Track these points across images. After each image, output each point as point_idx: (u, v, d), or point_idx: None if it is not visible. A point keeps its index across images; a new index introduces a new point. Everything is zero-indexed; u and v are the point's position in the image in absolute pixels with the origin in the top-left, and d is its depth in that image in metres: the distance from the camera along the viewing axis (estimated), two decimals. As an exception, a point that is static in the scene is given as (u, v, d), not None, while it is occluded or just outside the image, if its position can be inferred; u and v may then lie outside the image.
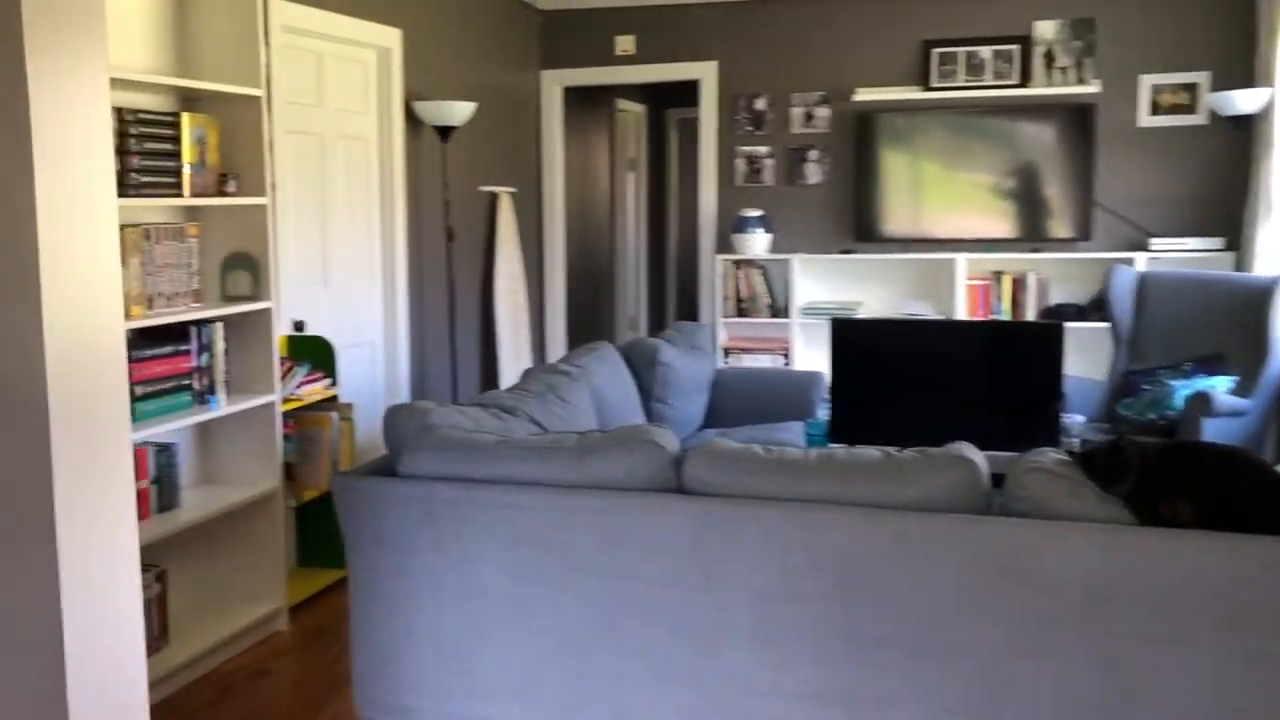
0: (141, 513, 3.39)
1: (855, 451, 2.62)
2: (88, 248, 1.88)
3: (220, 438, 3.87)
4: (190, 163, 3.47)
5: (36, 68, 1.75)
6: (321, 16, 4.48)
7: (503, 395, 3.35)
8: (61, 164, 1.81)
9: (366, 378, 5.03)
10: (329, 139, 4.69)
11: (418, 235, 5.33)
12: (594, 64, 6.66)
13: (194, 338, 3.53)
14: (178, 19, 3.65)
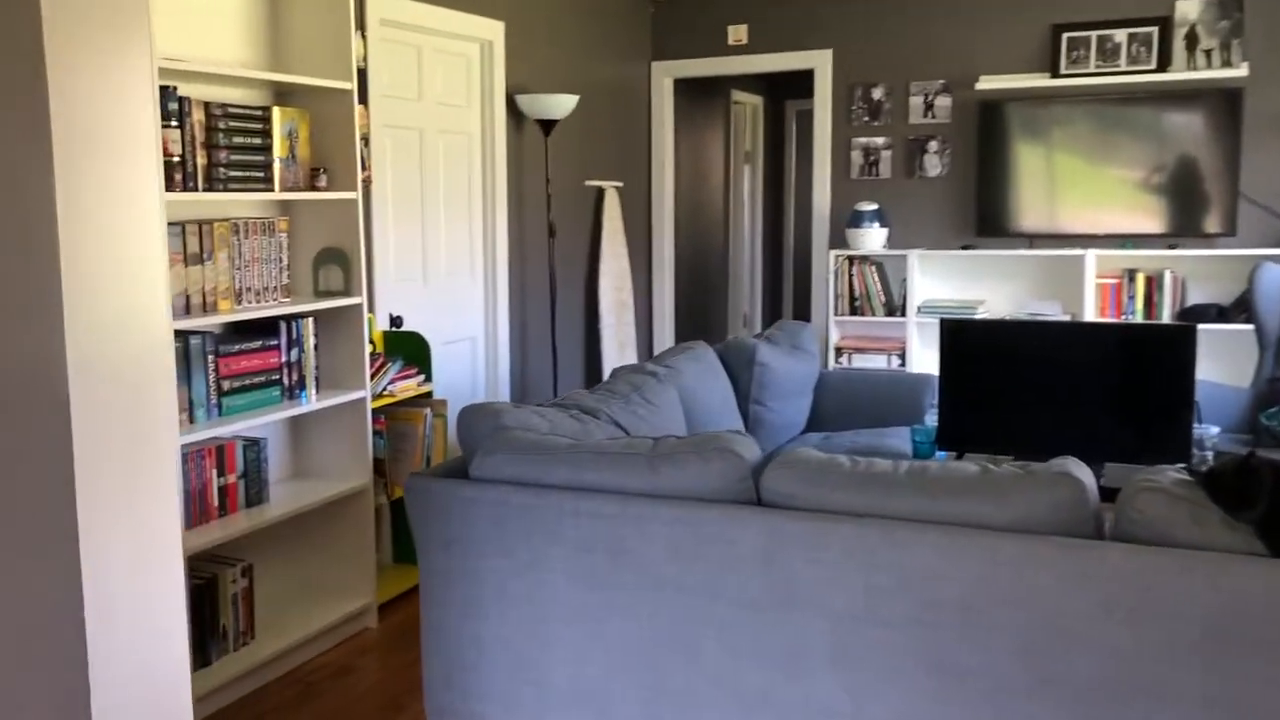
0: (229, 507, 3.40)
1: (949, 465, 2.42)
2: (124, 245, 1.82)
3: (311, 433, 3.87)
4: (281, 157, 3.46)
5: (57, 49, 1.69)
6: (422, 10, 4.45)
7: (584, 396, 3.24)
8: (90, 155, 1.75)
9: (466, 374, 5.00)
10: (429, 133, 4.66)
11: (519, 230, 5.27)
12: (706, 54, 6.50)
13: (284, 332, 3.52)
14: (270, 13, 3.65)
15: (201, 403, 3.24)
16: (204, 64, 3.11)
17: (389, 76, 4.38)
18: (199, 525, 3.29)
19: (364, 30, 4.13)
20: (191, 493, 3.26)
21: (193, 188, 3.14)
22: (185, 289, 3.17)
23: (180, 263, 3.15)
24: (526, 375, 5.41)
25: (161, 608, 1.89)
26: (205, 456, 3.30)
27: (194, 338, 3.21)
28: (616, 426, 3.14)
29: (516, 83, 5.16)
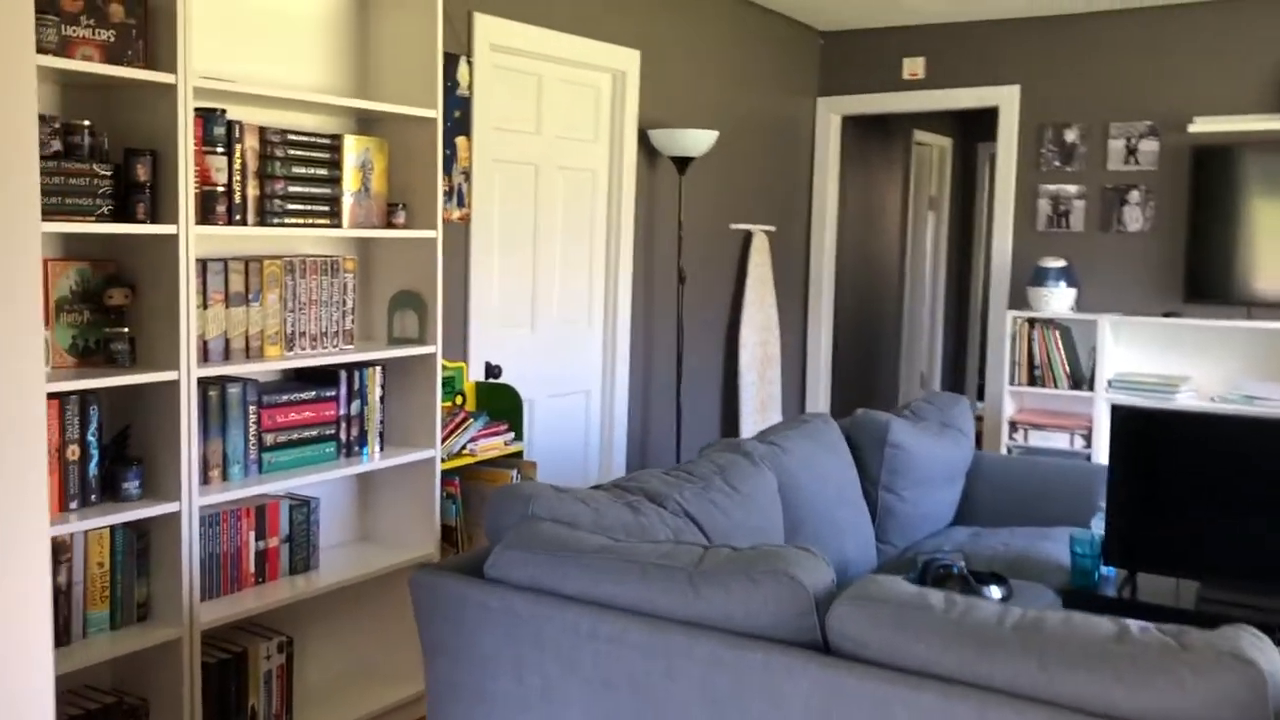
0: (268, 574, 3.08)
1: (1074, 622, 1.80)
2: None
3: (379, 495, 3.52)
4: (352, 190, 3.15)
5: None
6: (545, 36, 4.10)
7: (653, 477, 2.75)
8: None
9: (576, 432, 4.59)
10: (546, 169, 4.30)
11: (647, 276, 4.84)
12: (878, 90, 5.92)
13: (343, 382, 3.19)
14: (358, 37, 3.36)
15: (237, 458, 2.94)
16: (257, 85, 2.82)
17: (501, 106, 4.05)
18: (228, 593, 2.97)
19: (470, 56, 3.81)
20: (222, 556, 2.95)
21: (240, 221, 2.85)
22: (225, 332, 2.88)
23: (221, 303, 2.86)
24: (648, 436, 4.95)
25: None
26: (241, 517, 2.99)
27: (232, 386, 2.91)
28: (688, 520, 2.63)
29: (650, 116, 4.75)
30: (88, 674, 2.81)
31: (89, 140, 2.58)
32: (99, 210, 2.56)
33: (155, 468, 2.74)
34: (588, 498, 2.46)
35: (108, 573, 2.67)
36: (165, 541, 2.74)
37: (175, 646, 2.73)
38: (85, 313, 2.69)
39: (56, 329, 2.64)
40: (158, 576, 2.77)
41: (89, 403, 2.59)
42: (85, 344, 2.69)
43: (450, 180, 3.78)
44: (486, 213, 3.98)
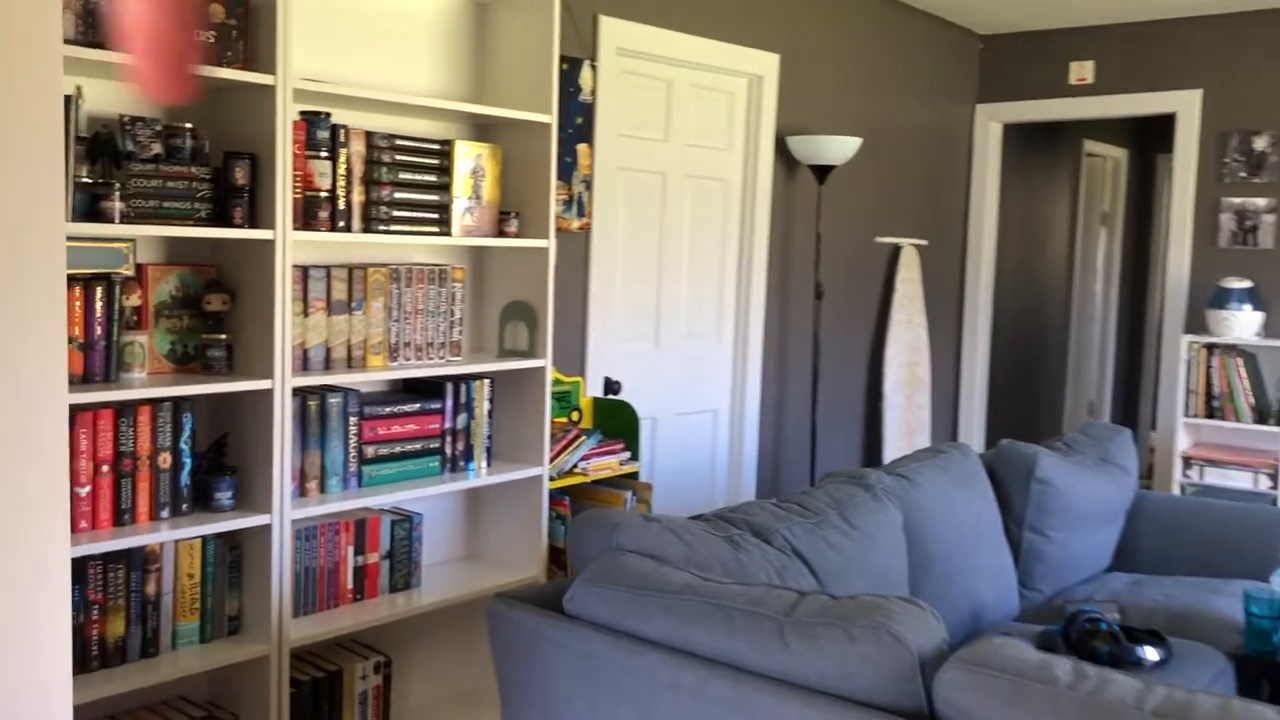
0: (367, 590, 2.99)
1: (1235, 712, 1.49)
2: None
3: (486, 512, 3.41)
4: (462, 197, 3.04)
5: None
6: (676, 40, 3.93)
7: (762, 508, 2.53)
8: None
9: (702, 453, 4.38)
10: (674, 178, 4.12)
11: (781, 290, 4.60)
12: (1042, 96, 5.53)
13: (450, 395, 3.08)
14: (476, 41, 3.26)
15: (336, 470, 2.86)
16: (362, 88, 2.74)
17: (626, 113, 3.89)
18: (325, 609, 2.89)
19: (594, 60, 3.67)
20: (319, 571, 2.87)
21: (344, 227, 2.78)
22: (326, 340, 2.81)
23: (322, 310, 2.79)
24: (780, 458, 4.70)
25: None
26: (339, 531, 2.91)
27: (332, 396, 2.83)
28: (795, 558, 2.40)
29: (788, 123, 4.51)
30: (182, 685, 2.76)
31: (190, 143, 2.54)
32: (197, 214, 2.52)
33: (249, 478, 2.68)
34: (681, 529, 2.25)
35: (198, 584, 2.62)
36: (258, 554, 2.68)
37: (264, 663, 2.66)
38: (184, 318, 2.65)
39: (155, 334, 2.61)
40: (250, 590, 2.70)
41: (182, 410, 2.54)
42: (184, 350, 2.65)
43: (569, 189, 3.65)
44: (609, 222, 3.83)
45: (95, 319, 2.41)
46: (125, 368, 2.50)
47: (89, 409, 2.40)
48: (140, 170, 2.43)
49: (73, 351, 2.38)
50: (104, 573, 2.45)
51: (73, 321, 2.37)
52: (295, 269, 2.71)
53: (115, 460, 2.45)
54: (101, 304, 2.41)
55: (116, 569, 2.47)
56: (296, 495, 2.78)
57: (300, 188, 2.67)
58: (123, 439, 2.46)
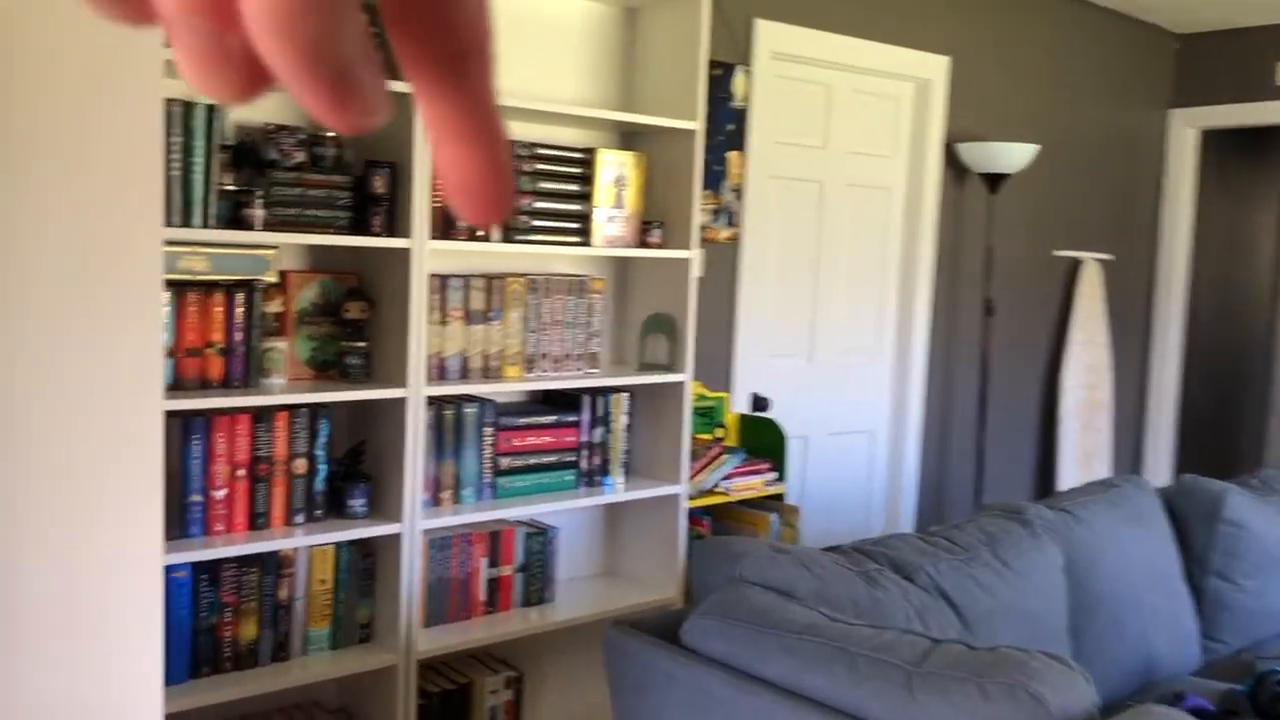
0: (500, 603, 2.95)
1: None
2: (107, 294, 1.38)
3: (624, 528, 3.32)
4: (606, 206, 2.98)
5: None
6: (838, 43, 3.77)
7: (906, 541, 2.35)
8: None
9: (857, 476, 4.19)
10: (832, 186, 3.95)
11: (948, 306, 4.36)
12: (1244, 99, 5.08)
13: (587, 408, 3.02)
14: (624, 46, 3.19)
15: (471, 481, 2.83)
16: (519, 98, 2.71)
17: (782, 119, 3.75)
18: (456, 620, 2.87)
19: (748, 65, 3.55)
20: (452, 582, 2.85)
21: (482, 237, 2.75)
22: (463, 350, 2.78)
23: (460, 320, 2.76)
24: (943, 485, 4.45)
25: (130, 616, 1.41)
26: (473, 542, 2.88)
27: (468, 406, 2.80)
28: (939, 598, 2.21)
29: (958, 129, 4.27)
30: (314, 690, 2.78)
31: (333, 152, 2.56)
32: (337, 222, 2.53)
33: (383, 486, 2.68)
34: (812, 562, 2.11)
35: (330, 590, 2.63)
36: (390, 563, 2.67)
37: (394, 672, 2.65)
38: (325, 325, 2.67)
39: (296, 341, 2.63)
40: (382, 598, 2.70)
41: (318, 416, 2.56)
42: (324, 357, 2.67)
43: (719, 198, 3.53)
44: (760, 233, 3.70)
45: (235, 325, 2.44)
46: (265, 373, 2.53)
47: (227, 413, 2.43)
48: (282, 178, 2.45)
49: (212, 356, 2.42)
50: (238, 576, 2.48)
51: (213, 327, 2.41)
52: (433, 278, 2.70)
53: (251, 465, 2.48)
54: (242, 310, 2.45)
55: (250, 572, 2.50)
56: (430, 505, 2.76)
57: (440, 196, 2.65)
58: (259, 444, 2.48)
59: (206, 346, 2.41)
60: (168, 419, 2.35)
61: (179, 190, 2.30)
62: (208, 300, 2.41)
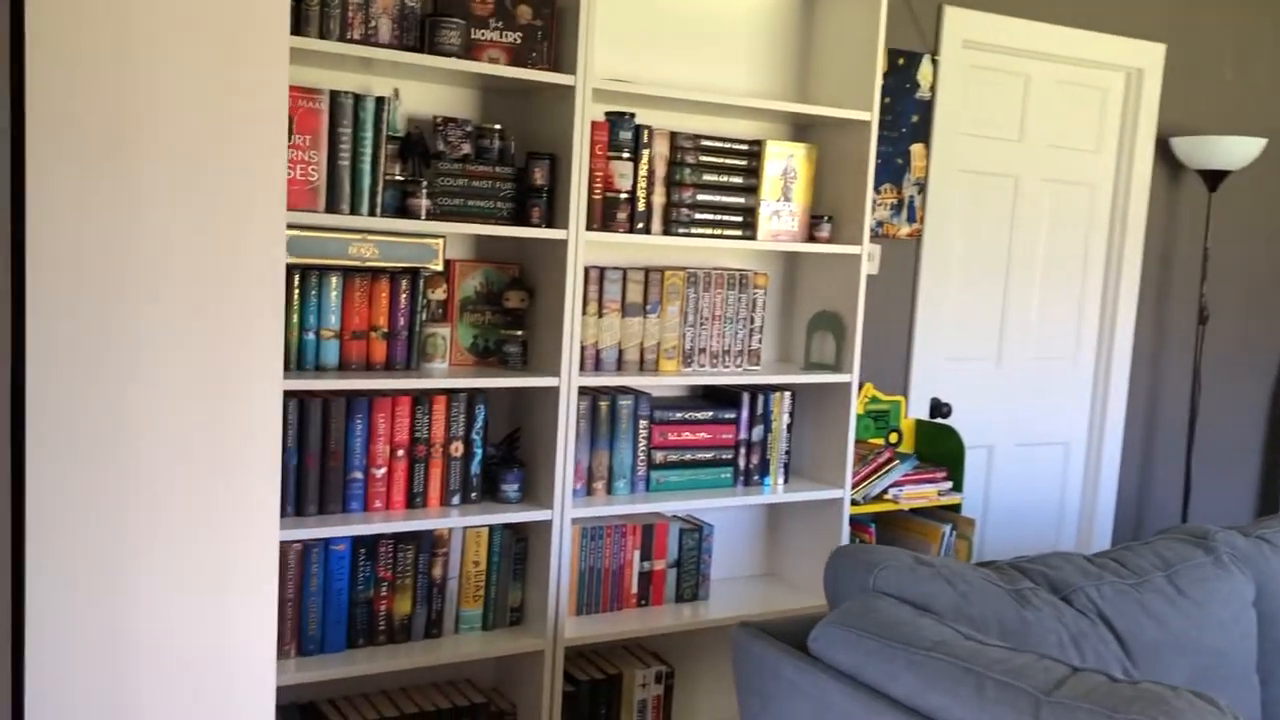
0: (652, 598, 2.94)
1: None
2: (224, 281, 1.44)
3: (781, 529, 3.25)
4: (771, 200, 2.91)
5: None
6: (1036, 30, 3.55)
7: (1069, 561, 2.18)
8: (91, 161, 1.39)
9: (1051, 489, 3.94)
10: (1028, 181, 3.73)
11: (1157, 312, 4.04)
12: None
13: (745, 405, 2.96)
14: (800, 36, 3.11)
15: (624, 473, 2.83)
16: (665, 88, 2.69)
17: (973, 110, 3.57)
18: (608, 610, 2.88)
19: (936, 54, 3.39)
20: (604, 572, 2.86)
21: (642, 229, 2.74)
22: (619, 342, 2.78)
23: (616, 312, 2.77)
24: (1145, 505, 4.13)
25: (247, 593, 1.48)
26: (626, 534, 2.88)
27: (623, 399, 2.80)
28: (1099, 623, 2.04)
29: (1172, 122, 3.95)
30: (468, 668, 2.85)
31: (498, 144, 2.61)
32: (499, 213, 2.58)
33: (536, 473, 2.72)
34: (957, 576, 1.99)
35: (483, 572, 2.69)
36: (541, 548, 2.71)
37: (541, 657, 2.68)
38: (487, 313, 2.73)
39: (459, 327, 2.70)
40: (533, 583, 2.74)
41: (475, 402, 2.62)
42: (485, 344, 2.73)
43: (900, 192, 3.40)
44: (944, 229, 3.53)
45: (399, 310, 2.53)
46: (427, 358, 2.61)
47: (387, 395, 2.52)
48: (447, 169, 2.52)
49: (375, 340, 2.51)
50: (394, 552, 2.57)
51: (378, 312, 2.51)
52: (591, 270, 2.71)
53: (410, 445, 2.56)
54: (405, 296, 2.53)
55: (406, 550, 2.58)
56: (583, 494, 2.78)
57: (600, 188, 2.66)
58: (419, 426, 2.56)
59: (371, 330, 2.51)
60: (331, 398, 2.46)
61: (348, 179, 2.40)
62: (374, 286, 2.50)
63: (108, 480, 1.43)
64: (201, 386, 1.45)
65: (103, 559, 1.44)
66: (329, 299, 2.45)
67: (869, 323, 3.38)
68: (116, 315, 1.38)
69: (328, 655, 2.51)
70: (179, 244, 1.44)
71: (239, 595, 1.50)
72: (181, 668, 1.48)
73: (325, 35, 2.33)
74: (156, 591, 1.47)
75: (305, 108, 2.34)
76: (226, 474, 1.47)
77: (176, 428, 1.47)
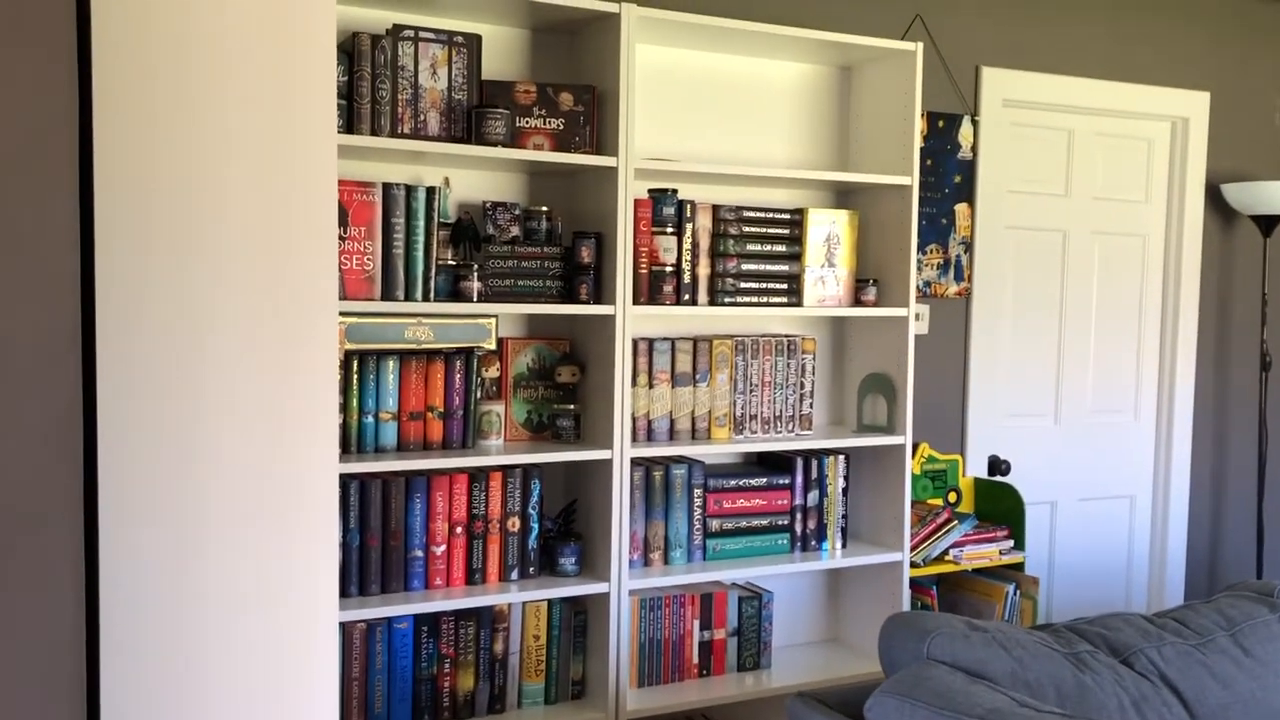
0: (713, 667, 2.94)
1: None
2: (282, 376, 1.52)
3: (842, 594, 3.24)
4: (816, 266, 2.95)
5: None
6: (1075, 85, 3.58)
7: (1129, 623, 2.16)
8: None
9: (1118, 544, 3.88)
10: (1077, 236, 3.73)
11: (1217, 360, 3.99)
12: None
13: (799, 470, 2.98)
14: (838, 105, 3.17)
15: (680, 542, 2.85)
16: (704, 163, 2.75)
17: (1017, 167, 3.59)
18: (669, 682, 2.88)
19: (975, 115, 3.43)
20: (664, 643, 2.87)
21: (689, 301, 2.80)
22: (670, 412, 2.82)
23: (666, 382, 2.81)
24: (1217, 555, 4.04)
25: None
26: (685, 604, 2.90)
27: (676, 468, 2.84)
28: (1161, 686, 2.01)
29: (1222, 169, 3.93)
30: (532, 741, 2.87)
31: (545, 225, 2.69)
32: (548, 292, 2.65)
33: (593, 545, 2.75)
34: (1012, 642, 1.98)
35: (544, 646, 2.72)
36: (600, 621, 2.73)
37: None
38: (540, 389, 2.79)
39: (513, 404, 2.76)
40: (593, 656, 2.76)
41: (531, 476, 2.67)
42: (539, 419, 2.79)
43: (946, 252, 3.42)
44: (994, 286, 3.53)
45: (454, 389, 2.60)
46: (483, 434, 2.67)
47: (445, 474, 2.58)
48: (497, 251, 2.60)
49: (432, 420, 2.58)
50: (455, 629, 2.61)
51: (434, 392, 2.58)
52: (640, 341, 2.76)
53: (469, 522, 2.61)
54: (460, 375, 2.60)
55: (467, 626, 2.63)
56: (640, 565, 2.81)
57: (646, 262, 2.73)
58: (475, 502, 2.62)
59: (428, 410, 2.58)
60: (391, 479, 2.53)
61: (402, 266, 2.49)
62: (430, 367, 2.57)
63: (179, 556, 1.50)
64: (261, 470, 1.52)
65: (170, 640, 1.51)
66: (386, 382, 2.53)
67: (922, 383, 3.38)
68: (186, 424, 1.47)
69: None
70: (229, 336, 1.52)
71: (299, 676, 1.56)
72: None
73: (377, 131, 2.44)
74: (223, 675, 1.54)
75: (360, 200, 2.44)
76: (283, 556, 1.53)
77: (239, 512, 1.54)
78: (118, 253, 1.47)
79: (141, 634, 1.51)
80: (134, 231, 1.48)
